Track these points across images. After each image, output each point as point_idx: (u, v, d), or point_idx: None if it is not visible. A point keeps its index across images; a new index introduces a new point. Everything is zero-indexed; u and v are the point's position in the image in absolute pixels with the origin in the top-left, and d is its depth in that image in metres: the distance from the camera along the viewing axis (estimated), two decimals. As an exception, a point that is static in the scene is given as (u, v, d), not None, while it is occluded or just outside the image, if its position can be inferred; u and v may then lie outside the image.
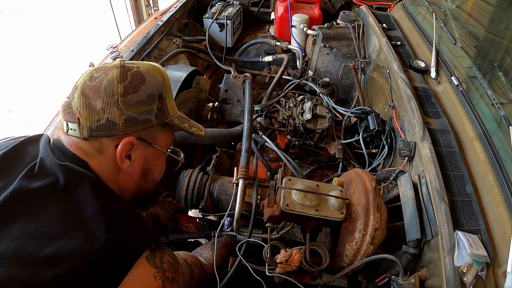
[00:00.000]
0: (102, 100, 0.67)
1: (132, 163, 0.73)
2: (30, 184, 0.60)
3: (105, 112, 0.67)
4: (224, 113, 1.77)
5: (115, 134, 0.69)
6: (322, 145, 1.52)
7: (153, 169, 0.81)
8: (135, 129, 0.71)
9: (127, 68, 0.71)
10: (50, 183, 0.61)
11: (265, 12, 2.61)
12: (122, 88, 0.68)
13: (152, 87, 0.72)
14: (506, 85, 1.24)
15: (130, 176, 0.75)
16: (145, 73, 0.73)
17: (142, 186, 0.80)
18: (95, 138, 0.69)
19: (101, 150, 0.70)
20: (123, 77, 0.69)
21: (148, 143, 0.75)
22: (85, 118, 0.68)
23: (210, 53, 2.04)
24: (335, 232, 1.04)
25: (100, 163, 0.69)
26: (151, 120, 0.73)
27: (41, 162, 0.64)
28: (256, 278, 0.96)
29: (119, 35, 3.36)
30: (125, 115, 0.69)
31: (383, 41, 1.65)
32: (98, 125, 0.68)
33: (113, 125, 0.68)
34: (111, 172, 0.71)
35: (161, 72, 0.77)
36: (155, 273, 0.64)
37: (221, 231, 1.14)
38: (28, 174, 0.62)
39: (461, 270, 0.79)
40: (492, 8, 1.72)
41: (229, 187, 1.16)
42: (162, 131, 0.79)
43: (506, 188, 0.91)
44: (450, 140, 1.13)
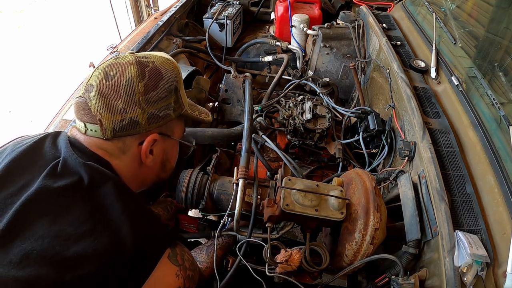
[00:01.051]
0: (123, 100, 0.67)
1: (154, 157, 0.75)
2: (54, 183, 0.60)
3: (127, 112, 0.67)
4: (224, 113, 1.77)
5: (138, 133, 0.70)
6: (322, 145, 1.52)
7: (171, 159, 0.83)
8: (157, 125, 0.72)
9: (143, 64, 0.70)
10: (74, 182, 0.61)
11: (265, 12, 2.61)
12: (142, 86, 0.68)
13: (169, 82, 0.73)
14: (506, 85, 1.24)
15: (151, 169, 0.77)
16: (161, 68, 0.73)
17: (161, 176, 0.83)
18: (118, 138, 0.69)
19: (124, 149, 0.70)
20: (141, 74, 0.68)
21: (167, 136, 0.77)
22: (107, 119, 0.67)
23: (210, 53, 2.04)
24: (335, 232, 1.04)
25: (123, 162, 0.70)
26: (170, 115, 0.74)
27: (64, 161, 0.64)
28: (256, 278, 0.96)
29: (119, 35, 3.36)
30: (147, 113, 0.69)
31: (383, 41, 1.65)
32: (122, 125, 0.68)
33: (136, 124, 0.69)
34: (132, 169, 0.72)
35: (174, 65, 0.77)
36: (177, 272, 0.65)
37: (221, 231, 1.13)
38: (51, 173, 0.61)
39: (461, 270, 0.79)
40: (492, 8, 1.72)
41: (229, 187, 1.16)
42: (178, 123, 0.81)
43: (506, 188, 0.91)
44: (450, 140, 1.13)
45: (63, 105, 1.43)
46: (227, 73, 1.76)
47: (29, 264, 0.50)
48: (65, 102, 1.45)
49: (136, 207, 0.65)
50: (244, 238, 1.04)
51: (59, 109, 1.42)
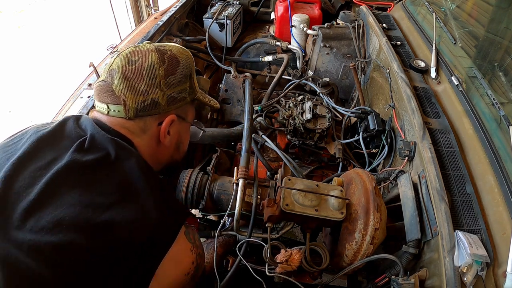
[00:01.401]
0: (145, 82, 0.73)
1: (170, 137, 0.81)
2: (82, 158, 0.64)
3: (149, 93, 0.73)
4: (224, 113, 1.77)
5: (158, 113, 0.76)
6: (322, 145, 1.52)
7: (184, 141, 0.90)
8: (174, 107, 0.78)
9: (162, 51, 0.77)
10: (102, 157, 0.65)
11: (265, 12, 2.61)
12: (163, 71, 0.74)
13: (185, 68, 0.79)
14: (506, 85, 1.24)
15: (167, 149, 0.83)
16: (178, 55, 0.79)
17: (175, 157, 0.89)
18: (140, 117, 0.75)
19: (144, 129, 0.76)
20: (162, 60, 0.75)
21: (182, 119, 0.83)
22: (131, 99, 0.73)
23: (210, 53, 2.04)
24: (335, 232, 1.04)
25: (144, 141, 0.76)
26: (186, 98, 0.81)
27: (91, 137, 0.68)
28: (256, 278, 0.96)
29: (119, 35, 3.36)
30: (167, 95, 0.76)
31: (383, 41, 1.65)
32: (144, 105, 0.74)
33: (157, 105, 0.75)
34: (151, 148, 0.78)
35: (188, 53, 0.83)
36: (191, 248, 0.71)
37: (221, 231, 1.13)
38: (79, 148, 0.66)
39: (461, 270, 0.79)
40: (492, 8, 1.72)
41: (229, 187, 1.16)
42: (190, 107, 0.87)
43: (506, 188, 0.91)
44: (450, 140, 1.13)
45: (63, 105, 1.43)
46: (227, 73, 1.76)
47: (62, 230, 0.52)
48: (65, 102, 1.45)
49: (157, 182, 0.70)
50: (244, 238, 1.04)
51: (59, 109, 1.42)
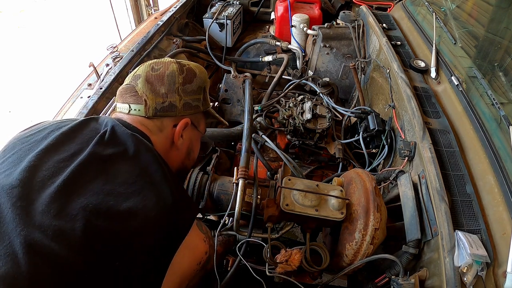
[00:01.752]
0: (165, 86, 0.81)
1: (183, 141, 0.86)
2: (103, 151, 0.68)
3: (168, 96, 0.81)
4: (224, 113, 1.77)
5: (174, 115, 0.83)
6: (322, 145, 1.52)
7: (195, 149, 0.96)
8: (189, 113, 0.85)
9: (182, 64, 0.87)
10: (121, 151, 0.69)
11: (265, 12, 2.61)
12: (181, 78, 0.83)
13: (200, 81, 0.88)
14: (506, 85, 1.24)
15: (178, 153, 0.87)
16: (195, 69, 0.89)
17: (185, 163, 0.93)
18: (158, 117, 0.82)
19: (161, 128, 0.82)
20: (181, 70, 0.84)
21: (194, 126, 0.90)
22: (151, 100, 0.80)
23: (210, 53, 2.04)
24: (335, 232, 1.04)
25: (159, 139, 0.81)
26: (199, 107, 0.88)
27: (112, 130, 0.73)
28: (256, 278, 0.96)
29: (119, 35, 3.36)
30: (183, 100, 0.83)
31: (383, 41, 1.65)
32: (162, 106, 0.81)
33: (174, 107, 0.82)
34: (165, 148, 0.82)
35: (203, 70, 0.93)
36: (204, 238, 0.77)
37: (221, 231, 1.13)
38: (100, 141, 0.70)
39: (461, 270, 0.79)
40: (492, 8, 1.72)
41: (229, 187, 1.15)
42: (203, 118, 0.95)
43: (506, 188, 0.91)
44: (450, 140, 1.13)
45: (63, 105, 1.43)
46: (227, 73, 1.76)
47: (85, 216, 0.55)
48: (65, 102, 1.45)
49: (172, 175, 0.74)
50: (244, 238, 1.04)
51: (59, 109, 1.42)
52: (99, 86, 1.40)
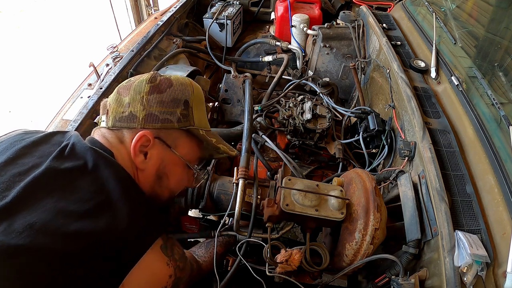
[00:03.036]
0: (130, 96, 0.75)
1: (147, 161, 0.75)
2: (61, 165, 0.64)
3: (130, 106, 0.74)
4: (224, 113, 1.77)
5: (134, 127, 0.74)
6: (322, 145, 1.52)
7: (170, 175, 0.80)
8: (153, 126, 0.75)
9: (159, 74, 0.79)
10: (80, 165, 0.66)
11: (265, 12, 2.61)
12: (148, 87, 0.75)
13: (177, 93, 0.77)
14: (506, 85, 1.24)
15: (145, 175, 0.76)
16: (175, 80, 0.79)
17: (156, 191, 0.79)
18: (117, 128, 0.75)
19: (122, 140, 0.75)
20: (152, 79, 0.77)
21: (166, 145, 0.77)
22: (113, 110, 0.76)
23: (210, 53, 2.04)
24: (335, 232, 1.04)
25: (120, 153, 0.73)
26: (172, 121, 0.76)
27: (72, 145, 0.69)
28: (256, 278, 0.96)
29: (119, 35, 3.36)
30: (146, 111, 0.74)
31: (383, 41, 1.65)
32: (122, 116, 0.74)
33: (134, 118, 0.74)
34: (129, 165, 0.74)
35: (192, 84, 0.82)
36: (168, 261, 0.70)
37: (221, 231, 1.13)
38: (59, 155, 0.66)
39: (461, 270, 0.79)
40: (492, 8, 1.72)
41: (229, 187, 1.16)
42: (185, 139, 0.81)
43: (506, 188, 0.91)
44: (450, 140, 1.13)
45: (63, 105, 1.43)
46: (227, 73, 1.76)
47: (31, 234, 0.53)
48: (65, 102, 1.45)
49: (135, 193, 0.69)
50: (244, 238, 1.04)
51: (59, 109, 1.42)
52: (99, 86, 1.40)
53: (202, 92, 0.84)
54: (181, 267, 0.74)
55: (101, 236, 0.58)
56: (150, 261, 0.64)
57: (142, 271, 0.62)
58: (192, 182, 0.90)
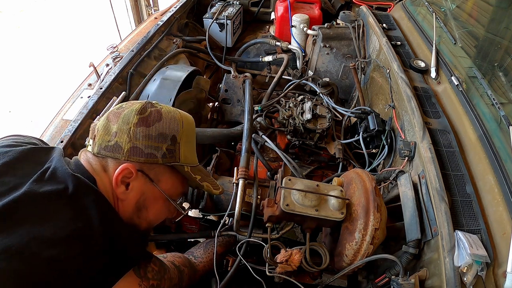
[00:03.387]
0: (118, 125, 0.74)
1: (128, 192, 0.75)
2: (40, 188, 0.64)
3: (116, 136, 0.73)
4: (224, 113, 1.77)
5: (118, 158, 0.73)
6: (322, 145, 1.52)
7: (149, 208, 0.80)
8: (137, 160, 0.74)
9: (150, 105, 0.78)
10: (59, 189, 0.65)
11: (265, 12, 2.61)
12: (137, 119, 0.74)
13: (166, 128, 0.76)
14: (506, 85, 1.24)
15: (124, 205, 0.76)
16: (165, 113, 0.78)
17: (134, 221, 0.79)
18: (102, 156, 0.74)
19: (105, 169, 0.74)
20: (142, 110, 0.75)
21: (149, 179, 0.77)
22: (100, 136, 0.75)
23: (210, 53, 2.04)
24: (335, 232, 1.04)
25: (103, 181, 0.73)
26: (156, 157, 0.75)
27: (54, 169, 0.68)
28: (256, 278, 0.96)
29: (119, 35, 3.36)
30: (132, 143, 0.73)
31: (383, 41, 1.65)
32: (107, 145, 0.74)
33: (119, 148, 0.73)
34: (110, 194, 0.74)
35: (182, 119, 0.80)
36: (140, 282, 0.70)
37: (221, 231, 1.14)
38: (39, 178, 0.66)
39: (461, 270, 0.79)
40: (492, 8, 1.72)
41: (229, 187, 1.16)
42: (168, 174, 0.80)
43: (506, 188, 0.91)
44: (450, 140, 1.13)
45: (63, 105, 1.43)
46: (227, 73, 1.76)
47: (6, 258, 0.54)
48: (65, 102, 1.45)
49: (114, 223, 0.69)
50: (244, 238, 1.04)
51: (59, 109, 1.42)
52: (99, 86, 1.40)
53: (193, 125, 0.84)
54: (156, 285, 0.74)
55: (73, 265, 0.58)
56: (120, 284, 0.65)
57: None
58: (173, 214, 0.89)
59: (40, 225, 0.59)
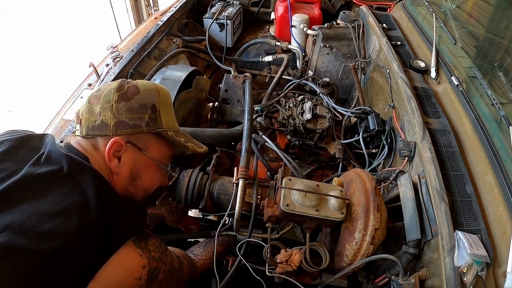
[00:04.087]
0: (100, 105, 0.79)
1: (121, 164, 0.80)
2: (37, 170, 0.69)
3: (101, 115, 0.78)
4: (224, 113, 1.77)
5: (106, 134, 0.78)
6: (322, 145, 1.52)
7: (143, 176, 0.85)
8: (124, 132, 0.79)
9: (126, 82, 0.83)
10: (55, 170, 0.70)
11: (265, 12, 2.61)
12: (117, 96, 0.79)
13: (144, 99, 0.81)
14: (506, 85, 1.24)
15: (119, 178, 0.81)
16: (141, 87, 0.83)
17: (131, 191, 0.84)
18: (91, 136, 0.79)
19: (96, 147, 0.79)
20: (120, 88, 0.80)
21: (138, 148, 0.82)
22: (85, 119, 0.80)
23: (210, 53, 2.04)
24: (335, 232, 1.04)
25: (96, 159, 0.78)
26: (141, 126, 0.81)
27: (48, 153, 0.73)
28: (256, 278, 0.96)
29: (119, 35, 3.36)
30: (117, 119, 0.78)
31: (383, 41, 1.65)
32: (94, 125, 0.79)
33: (105, 126, 0.78)
34: (104, 169, 0.79)
35: (158, 88, 0.86)
36: (141, 253, 0.73)
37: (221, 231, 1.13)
38: (36, 162, 0.71)
39: (461, 270, 0.79)
40: (492, 8, 1.72)
41: (229, 187, 1.16)
42: (155, 141, 0.85)
43: (506, 188, 0.91)
44: (450, 140, 1.13)
45: (63, 105, 1.43)
46: (227, 73, 1.76)
47: (8, 234, 0.58)
48: (65, 102, 1.45)
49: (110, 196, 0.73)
50: (244, 238, 1.04)
51: (59, 109, 1.42)
52: (99, 86, 1.40)
53: (169, 95, 0.90)
54: (157, 257, 0.76)
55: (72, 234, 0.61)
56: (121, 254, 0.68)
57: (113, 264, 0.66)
58: (166, 180, 0.95)
59: (38, 202, 0.64)
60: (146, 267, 0.73)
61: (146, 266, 0.73)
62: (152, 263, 0.75)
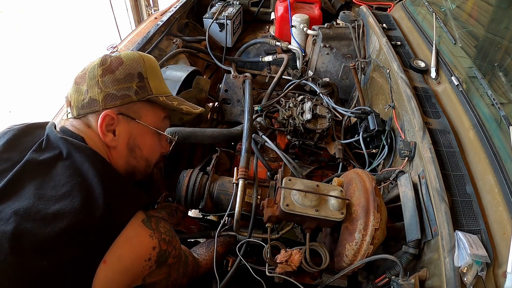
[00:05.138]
0: (86, 83, 0.78)
1: (117, 137, 0.80)
2: (39, 157, 0.71)
3: (88, 92, 0.78)
4: (224, 113, 1.77)
5: (97, 110, 0.78)
6: (322, 145, 1.52)
7: (141, 145, 0.85)
8: (114, 104, 0.78)
9: (108, 55, 0.82)
10: (56, 155, 0.71)
11: (265, 12, 2.61)
12: (101, 70, 0.78)
13: (129, 68, 0.81)
14: (506, 85, 1.24)
15: (118, 152, 0.81)
16: (124, 57, 0.82)
17: (132, 163, 0.84)
18: (83, 115, 0.79)
19: (89, 125, 0.79)
20: (103, 62, 0.80)
21: (130, 118, 0.81)
22: (74, 100, 0.80)
23: (210, 53, 2.04)
24: (335, 232, 1.04)
25: (91, 137, 0.78)
26: (130, 96, 0.80)
27: (47, 138, 0.75)
28: (256, 278, 0.96)
29: (119, 35, 3.36)
30: (104, 93, 0.78)
31: (383, 41, 1.65)
32: (83, 104, 0.79)
33: (94, 102, 0.78)
34: (101, 146, 0.78)
35: (142, 56, 0.85)
36: (151, 234, 0.72)
37: (221, 231, 1.13)
38: (37, 149, 0.73)
39: (461, 270, 0.79)
40: (492, 8, 1.72)
41: (229, 187, 1.16)
42: (147, 108, 0.84)
43: (506, 188, 0.91)
44: (450, 140, 1.13)
45: (63, 105, 1.43)
46: (227, 73, 1.76)
47: (16, 219, 0.59)
48: (65, 102, 1.44)
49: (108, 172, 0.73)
50: (244, 238, 1.04)
51: (59, 109, 1.42)
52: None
53: (155, 61, 0.88)
54: (167, 240, 0.76)
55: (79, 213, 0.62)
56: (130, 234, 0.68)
57: (122, 245, 0.66)
58: (166, 146, 0.95)
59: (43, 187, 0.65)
60: (157, 248, 0.73)
61: (156, 247, 0.73)
62: (162, 245, 0.74)
